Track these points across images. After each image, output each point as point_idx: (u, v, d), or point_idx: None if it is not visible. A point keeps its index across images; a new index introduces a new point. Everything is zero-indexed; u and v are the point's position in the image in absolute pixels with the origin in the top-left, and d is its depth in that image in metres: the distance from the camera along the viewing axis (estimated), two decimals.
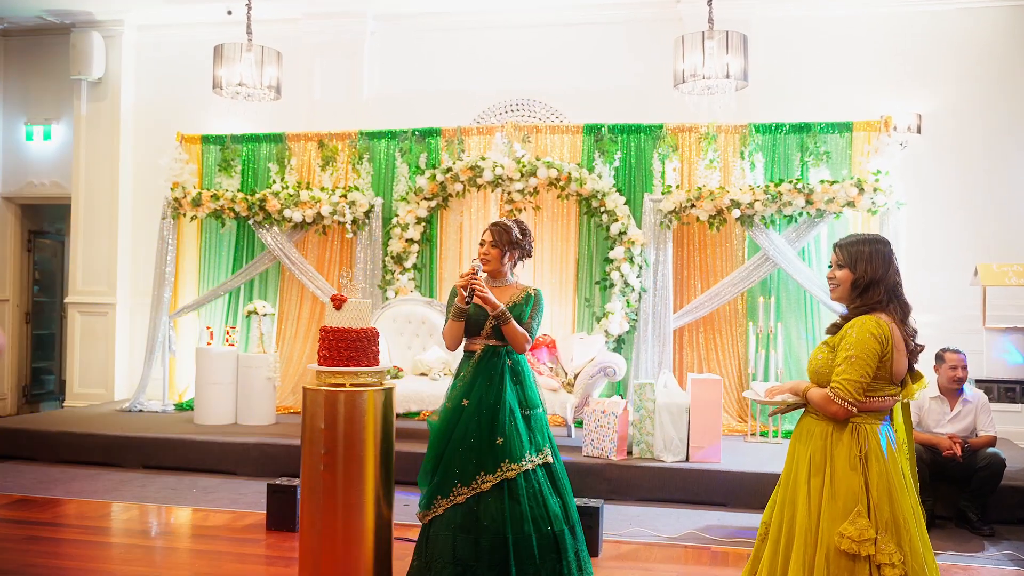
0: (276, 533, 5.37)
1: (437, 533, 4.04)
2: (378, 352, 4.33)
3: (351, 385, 4.21)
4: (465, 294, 4.04)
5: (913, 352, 3.15)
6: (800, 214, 7.57)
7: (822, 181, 7.49)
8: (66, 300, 9.65)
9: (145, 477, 6.92)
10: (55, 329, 10.92)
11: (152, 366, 8.76)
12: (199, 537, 5.45)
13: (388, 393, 4.29)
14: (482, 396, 4.03)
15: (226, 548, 5.13)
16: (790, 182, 7.49)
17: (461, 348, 4.27)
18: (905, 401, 3.26)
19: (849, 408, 3.04)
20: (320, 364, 4.29)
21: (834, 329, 3.22)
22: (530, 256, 4.35)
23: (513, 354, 4.13)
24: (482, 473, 3.96)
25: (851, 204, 7.39)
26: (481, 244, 4.24)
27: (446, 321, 4.20)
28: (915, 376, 3.19)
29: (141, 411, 8.61)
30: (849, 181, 7.40)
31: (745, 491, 6.25)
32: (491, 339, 4.11)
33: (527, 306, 4.15)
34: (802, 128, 7.81)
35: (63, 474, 6.96)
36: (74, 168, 9.60)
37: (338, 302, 4.28)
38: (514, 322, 4.07)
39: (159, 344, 8.74)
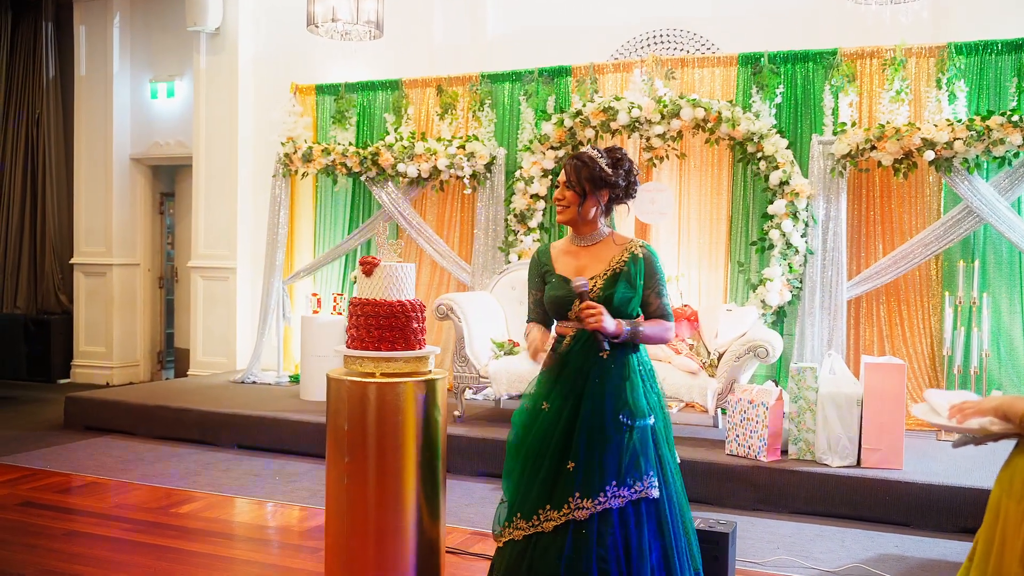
0: None
1: (492, 573, 3.03)
2: (422, 331, 3.34)
3: (383, 375, 3.25)
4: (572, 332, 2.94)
5: None
6: (1015, 155, 5.97)
7: None
8: (188, 264, 9.26)
9: (234, 459, 6.28)
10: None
11: (266, 335, 8.22)
12: (246, 540, 4.62)
13: (433, 385, 3.30)
14: (564, 399, 2.88)
15: (269, 558, 4.30)
16: (1002, 114, 5.90)
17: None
18: None
19: None
20: (348, 346, 3.35)
21: None
22: (632, 196, 3.05)
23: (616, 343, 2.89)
24: (546, 507, 2.82)
25: None
26: (555, 187, 3.05)
27: (528, 317, 3.14)
28: None
29: (255, 383, 8.09)
30: None
31: (934, 508, 4.86)
32: None
33: (634, 276, 2.92)
34: (1019, 46, 6.16)
35: (151, 452, 6.43)
36: (194, 126, 9.14)
37: (368, 266, 3.32)
38: (645, 328, 2.91)
39: (272, 312, 8.18)
